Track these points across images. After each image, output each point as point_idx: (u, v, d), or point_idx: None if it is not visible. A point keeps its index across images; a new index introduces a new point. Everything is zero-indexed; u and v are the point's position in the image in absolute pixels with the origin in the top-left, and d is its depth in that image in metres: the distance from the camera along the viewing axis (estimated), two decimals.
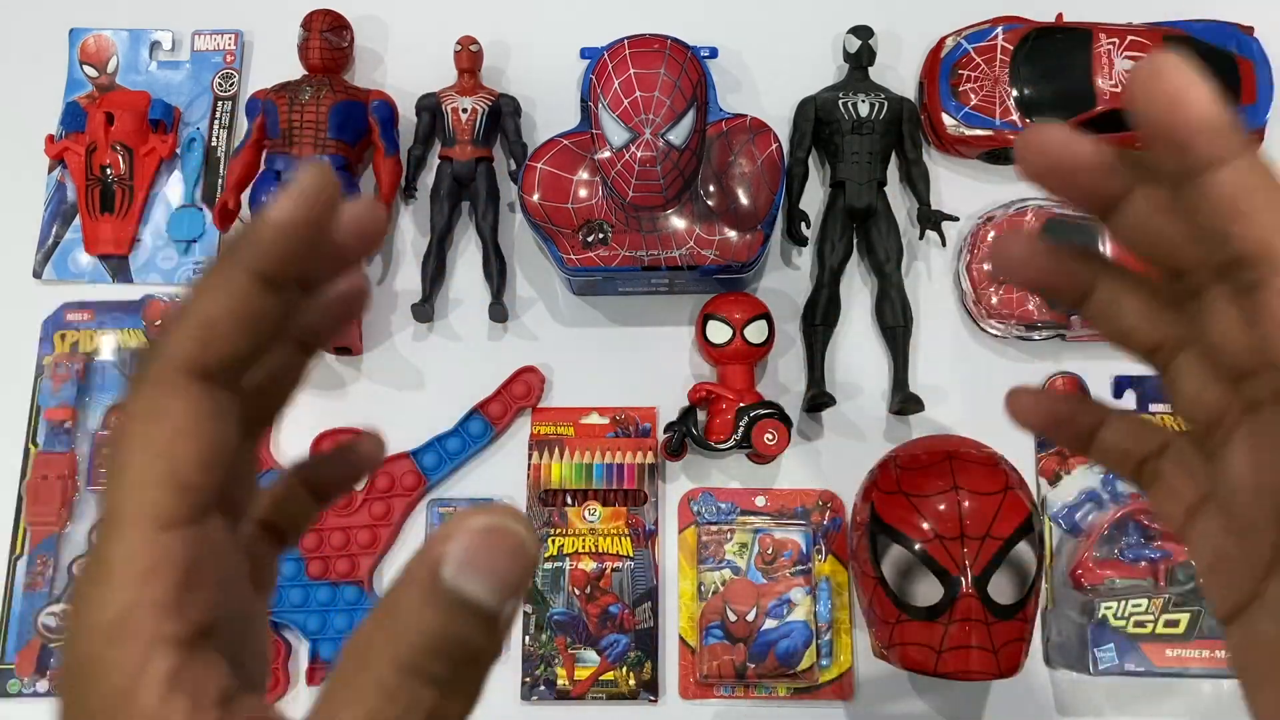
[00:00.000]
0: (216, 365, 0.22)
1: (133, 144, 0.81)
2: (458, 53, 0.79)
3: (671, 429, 0.74)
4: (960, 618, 0.61)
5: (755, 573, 0.72)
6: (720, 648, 0.70)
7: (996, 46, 0.79)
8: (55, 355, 0.77)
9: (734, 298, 0.75)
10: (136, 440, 0.22)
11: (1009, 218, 0.77)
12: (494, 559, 0.20)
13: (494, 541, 0.20)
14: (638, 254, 0.71)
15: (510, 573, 0.20)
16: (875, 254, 0.77)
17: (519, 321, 0.79)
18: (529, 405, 0.76)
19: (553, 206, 0.71)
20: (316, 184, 0.23)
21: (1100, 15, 0.80)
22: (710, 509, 0.74)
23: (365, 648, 0.20)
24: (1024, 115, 0.78)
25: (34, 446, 0.76)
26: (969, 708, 0.71)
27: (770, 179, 0.71)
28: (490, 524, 0.20)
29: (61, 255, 0.80)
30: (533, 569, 0.21)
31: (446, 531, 0.20)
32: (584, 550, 0.73)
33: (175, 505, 0.21)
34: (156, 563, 0.21)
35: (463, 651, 0.20)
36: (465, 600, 0.20)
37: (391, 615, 0.20)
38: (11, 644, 0.72)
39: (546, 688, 0.71)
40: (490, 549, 0.20)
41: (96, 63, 0.84)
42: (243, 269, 0.22)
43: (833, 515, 0.74)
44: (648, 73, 0.71)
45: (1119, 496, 0.73)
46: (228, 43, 0.85)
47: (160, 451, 0.21)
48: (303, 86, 0.76)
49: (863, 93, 0.78)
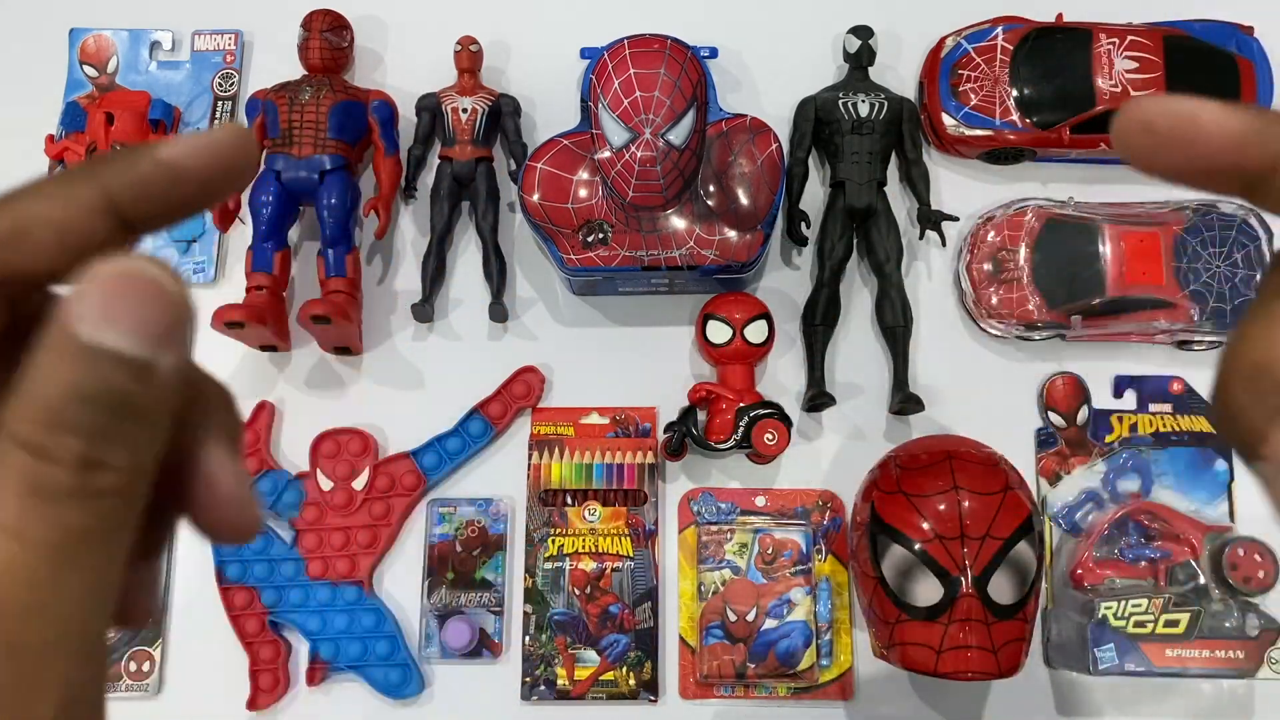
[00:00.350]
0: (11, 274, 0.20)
1: (133, 144, 0.81)
2: (458, 53, 0.79)
3: (671, 429, 0.74)
4: (960, 618, 0.61)
5: (755, 573, 0.72)
6: (720, 648, 0.70)
7: (996, 46, 0.79)
8: None
9: (734, 298, 0.75)
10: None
11: (1009, 218, 0.77)
12: (132, 307, 0.19)
13: (130, 288, 0.19)
14: (638, 254, 0.71)
15: (154, 319, 0.19)
16: (875, 254, 0.77)
17: (519, 321, 0.79)
18: (529, 405, 0.76)
19: (553, 206, 0.71)
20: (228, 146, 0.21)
21: (1100, 15, 0.80)
22: (710, 509, 0.74)
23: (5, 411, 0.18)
24: (1024, 115, 0.78)
25: None
26: (969, 708, 0.71)
27: (770, 179, 0.71)
28: (122, 270, 0.19)
29: None
30: (179, 312, 0.19)
31: (77, 289, 0.18)
32: (584, 550, 0.73)
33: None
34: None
35: (112, 399, 0.18)
36: (107, 351, 0.18)
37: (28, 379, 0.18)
38: None
39: (546, 688, 0.71)
40: (126, 296, 0.18)
41: (96, 63, 0.84)
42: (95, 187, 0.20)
43: (833, 515, 0.74)
44: (648, 73, 0.71)
45: (1119, 496, 0.73)
46: (228, 43, 0.85)
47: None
48: (303, 86, 0.76)
49: (863, 93, 0.78)
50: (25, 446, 0.18)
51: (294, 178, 0.75)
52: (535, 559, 0.73)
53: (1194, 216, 0.76)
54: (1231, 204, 0.76)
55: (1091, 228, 0.75)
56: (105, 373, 0.18)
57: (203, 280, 0.80)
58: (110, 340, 0.18)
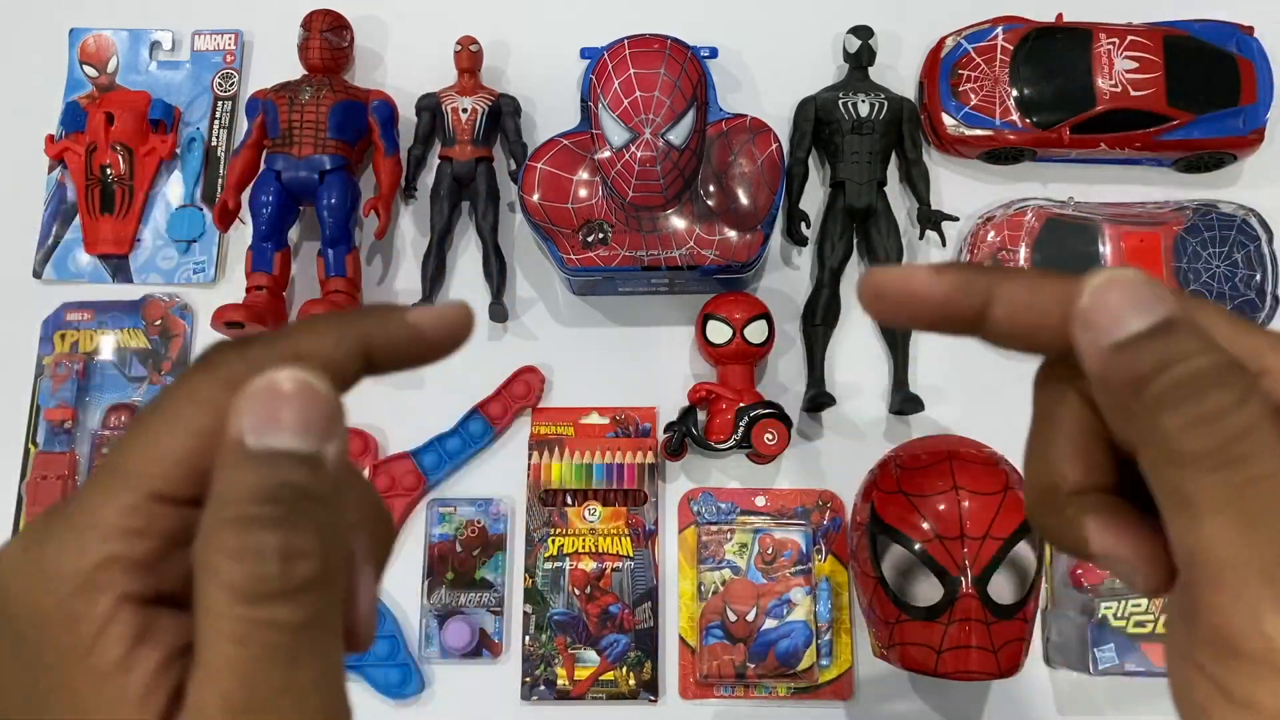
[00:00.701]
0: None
1: (133, 144, 0.81)
2: (458, 53, 0.79)
3: (671, 429, 0.74)
4: (960, 618, 0.61)
5: (755, 573, 0.72)
6: (720, 648, 0.70)
7: (996, 46, 0.79)
8: (55, 355, 0.77)
9: (734, 298, 0.75)
10: (173, 416, 0.22)
11: (1009, 218, 0.77)
12: (289, 409, 0.20)
13: (284, 394, 0.20)
14: (638, 254, 0.71)
15: (311, 415, 0.20)
16: (875, 254, 0.77)
17: (519, 321, 0.79)
18: (529, 405, 0.76)
19: (553, 206, 0.71)
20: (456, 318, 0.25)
21: (1100, 15, 0.80)
22: (710, 509, 0.74)
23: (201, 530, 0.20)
24: (1024, 115, 0.78)
25: (34, 446, 0.76)
26: (969, 708, 0.71)
27: (770, 179, 0.71)
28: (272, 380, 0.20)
29: (61, 255, 0.80)
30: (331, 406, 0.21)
31: (235, 407, 0.20)
32: (584, 550, 0.73)
33: (182, 483, 0.21)
34: (142, 527, 0.21)
35: (292, 491, 0.20)
36: (278, 452, 0.20)
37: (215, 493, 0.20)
38: None
39: (546, 688, 0.71)
40: (283, 402, 0.20)
41: (96, 63, 0.84)
42: (357, 335, 0.23)
43: (833, 515, 0.74)
44: (648, 73, 0.71)
45: None
46: (228, 43, 0.85)
47: (192, 431, 0.21)
48: (303, 86, 0.76)
49: (863, 93, 0.78)
50: (227, 554, 0.19)
51: (294, 178, 0.75)
52: (535, 559, 0.73)
53: (1194, 217, 0.76)
54: (1231, 204, 0.76)
55: (1091, 228, 0.75)
56: (281, 471, 0.20)
57: (203, 280, 0.80)
58: (278, 442, 0.20)
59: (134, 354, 0.78)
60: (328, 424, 0.21)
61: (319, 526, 0.20)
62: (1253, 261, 0.75)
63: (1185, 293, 0.25)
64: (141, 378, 0.77)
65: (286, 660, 0.20)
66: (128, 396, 0.77)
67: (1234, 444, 0.21)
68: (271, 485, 0.20)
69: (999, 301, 0.24)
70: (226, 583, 0.19)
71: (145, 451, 0.21)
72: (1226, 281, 0.74)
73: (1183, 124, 0.77)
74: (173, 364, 0.77)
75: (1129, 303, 0.22)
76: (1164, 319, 0.22)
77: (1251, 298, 0.74)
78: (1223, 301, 0.74)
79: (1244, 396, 0.21)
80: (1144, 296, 0.22)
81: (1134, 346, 0.22)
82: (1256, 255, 0.75)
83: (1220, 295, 0.74)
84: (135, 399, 0.77)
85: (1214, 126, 0.77)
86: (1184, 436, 0.21)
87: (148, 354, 0.78)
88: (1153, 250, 0.74)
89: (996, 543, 0.62)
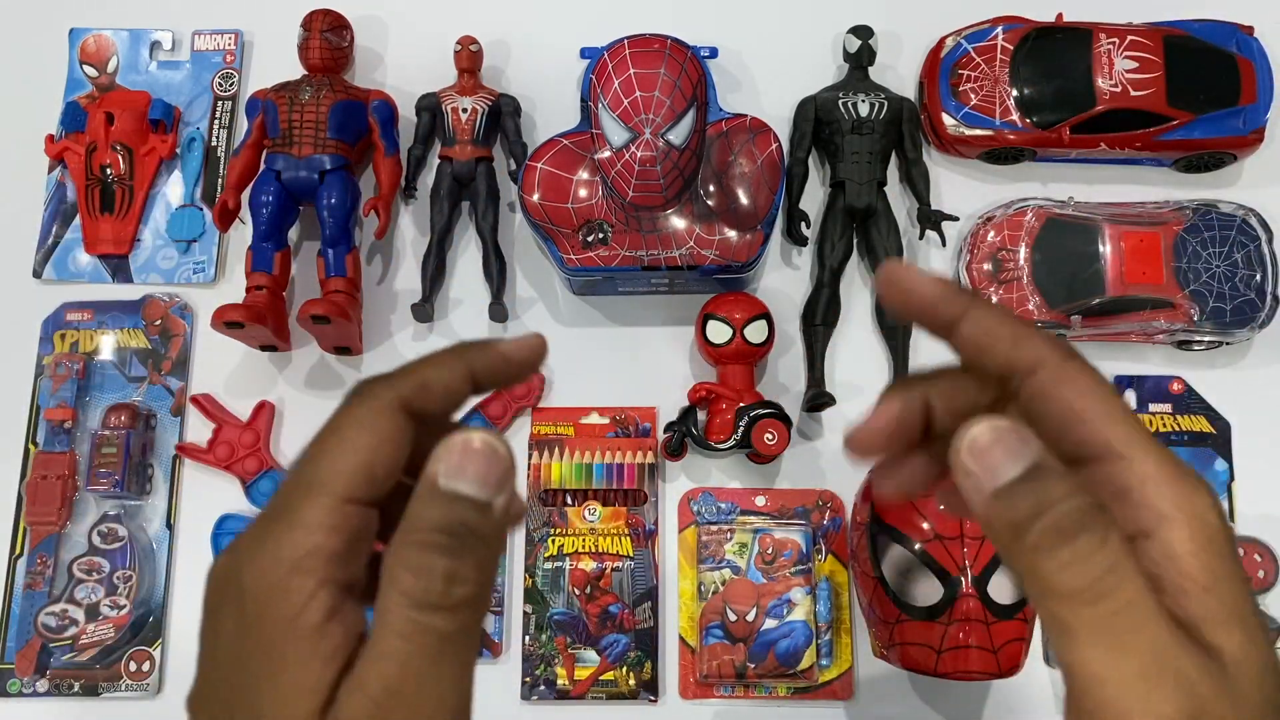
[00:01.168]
0: (418, 411, 0.29)
1: (133, 144, 0.81)
2: (458, 53, 0.79)
3: (671, 429, 0.74)
4: (960, 618, 0.61)
5: (755, 573, 0.72)
6: (720, 648, 0.70)
7: (996, 46, 0.79)
8: (55, 355, 0.77)
9: (734, 298, 0.75)
10: (348, 436, 0.28)
11: (1009, 218, 0.77)
12: (475, 463, 0.27)
13: (473, 451, 0.27)
14: (638, 254, 0.71)
15: (490, 472, 0.27)
16: (875, 254, 0.77)
17: (519, 321, 0.79)
18: (529, 405, 0.76)
19: (553, 206, 0.71)
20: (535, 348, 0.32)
21: (1100, 15, 0.80)
22: (710, 509, 0.74)
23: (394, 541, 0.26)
24: (1024, 115, 0.78)
25: (34, 446, 0.76)
26: (969, 708, 0.71)
27: (770, 179, 0.71)
28: (468, 439, 0.27)
29: (61, 255, 0.80)
30: (507, 466, 0.27)
31: (437, 453, 0.27)
32: (584, 550, 0.73)
33: (362, 489, 0.28)
34: (338, 524, 0.27)
35: (464, 528, 0.26)
36: (459, 495, 0.27)
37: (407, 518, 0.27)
38: (11, 644, 0.72)
39: (546, 687, 0.71)
40: (472, 457, 0.27)
41: (96, 63, 0.84)
42: (464, 364, 0.31)
43: (833, 515, 0.74)
44: (648, 73, 0.71)
45: None
46: (228, 43, 0.85)
47: (364, 448, 0.28)
48: (303, 86, 0.76)
49: (863, 93, 0.78)
50: (408, 568, 0.26)
51: (294, 178, 0.75)
52: (535, 559, 0.73)
53: (1194, 217, 0.76)
54: (1231, 204, 0.76)
55: (1091, 228, 0.76)
56: (459, 511, 0.27)
57: (203, 280, 0.80)
58: (462, 487, 0.27)
59: (134, 354, 0.78)
60: (501, 480, 0.27)
61: (479, 560, 0.26)
62: (1253, 261, 0.75)
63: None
64: (141, 377, 0.77)
65: (435, 658, 0.26)
66: (128, 396, 0.77)
67: (1101, 580, 0.25)
68: (450, 521, 0.26)
69: (969, 319, 0.30)
70: (402, 589, 0.26)
71: (332, 466, 0.28)
72: (1226, 281, 0.74)
73: (1183, 124, 0.77)
74: (172, 364, 0.77)
75: (1002, 453, 0.26)
76: (1032, 464, 0.26)
77: (1251, 298, 0.74)
78: (1222, 302, 0.74)
79: (1105, 536, 0.25)
80: (1014, 445, 0.26)
81: (1009, 494, 0.26)
82: (1256, 255, 0.75)
83: (1220, 295, 0.74)
84: (135, 399, 0.77)
85: (1214, 126, 0.77)
86: (1060, 577, 0.25)
87: (148, 354, 0.78)
88: (1153, 250, 0.74)
89: None
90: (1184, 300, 0.74)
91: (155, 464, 0.76)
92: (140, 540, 0.74)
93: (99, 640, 0.72)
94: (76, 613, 0.73)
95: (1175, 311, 0.74)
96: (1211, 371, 0.77)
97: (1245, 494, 0.74)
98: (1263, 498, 0.74)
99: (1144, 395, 0.76)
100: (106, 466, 0.73)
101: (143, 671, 0.72)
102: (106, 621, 0.73)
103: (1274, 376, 0.77)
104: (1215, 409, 0.76)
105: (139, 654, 0.72)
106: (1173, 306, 0.74)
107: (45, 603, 0.73)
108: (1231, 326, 0.74)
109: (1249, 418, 0.76)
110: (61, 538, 0.74)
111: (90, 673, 0.72)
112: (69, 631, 0.72)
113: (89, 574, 0.73)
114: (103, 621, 0.73)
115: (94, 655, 0.72)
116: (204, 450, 0.75)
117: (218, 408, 0.76)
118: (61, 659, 0.72)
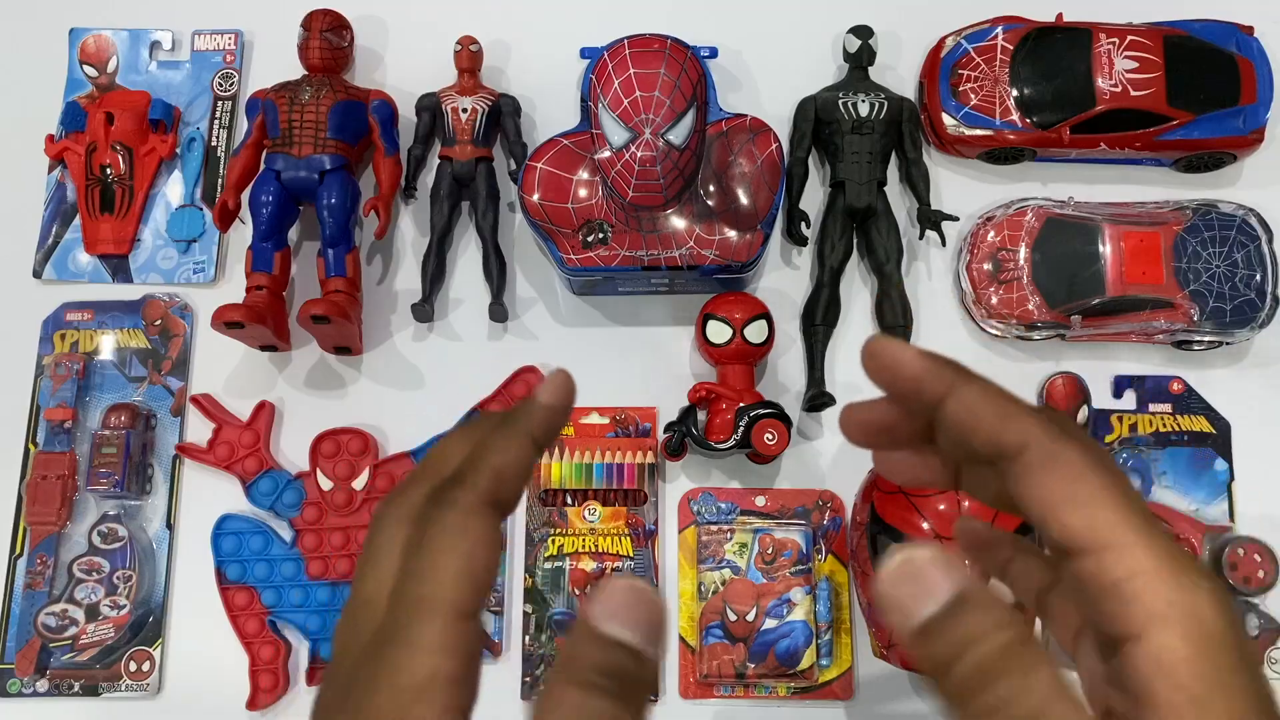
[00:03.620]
0: (503, 502, 0.29)
1: (133, 144, 0.81)
2: (458, 53, 0.79)
3: (671, 429, 0.74)
4: None
5: (755, 573, 0.72)
6: (720, 647, 0.70)
7: (996, 46, 0.79)
8: (55, 355, 0.77)
9: (734, 298, 0.75)
10: (445, 547, 0.27)
11: (1009, 218, 0.77)
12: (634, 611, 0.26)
13: (630, 597, 0.26)
14: (638, 254, 0.71)
15: (647, 620, 0.26)
16: (875, 254, 0.77)
17: (519, 321, 0.79)
18: None
19: (553, 206, 0.71)
20: (569, 384, 0.32)
21: (1100, 15, 0.80)
22: (710, 509, 0.74)
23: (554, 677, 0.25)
24: (1024, 115, 0.78)
25: (34, 446, 0.76)
26: None
27: (770, 179, 0.71)
28: (624, 585, 0.26)
29: (61, 255, 0.80)
30: (662, 617, 0.26)
31: (595, 595, 0.26)
32: (584, 550, 0.73)
33: (471, 600, 0.26)
34: (454, 645, 0.25)
35: (623, 673, 0.25)
36: (618, 640, 0.25)
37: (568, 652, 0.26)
38: (11, 644, 0.72)
39: None
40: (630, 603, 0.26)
41: (96, 63, 0.84)
42: (525, 433, 0.30)
43: (833, 515, 0.74)
44: (648, 73, 0.71)
45: None
46: (228, 43, 0.85)
47: (465, 555, 0.27)
48: (303, 86, 0.76)
49: (863, 93, 0.78)
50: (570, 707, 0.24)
51: (294, 177, 0.75)
52: (535, 559, 0.73)
53: (1194, 216, 0.76)
54: (1231, 204, 0.76)
55: (1091, 228, 0.76)
56: (617, 656, 0.25)
57: (203, 280, 0.80)
58: (619, 633, 0.25)
59: (134, 354, 0.78)
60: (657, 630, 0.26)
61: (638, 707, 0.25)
62: (1253, 261, 0.75)
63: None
64: (141, 378, 0.77)
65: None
66: (128, 396, 0.77)
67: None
68: (612, 664, 0.25)
69: (953, 397, 0.29)
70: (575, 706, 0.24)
71: (438, 580, 0.26)
72: (1226, 281, 0.74)
73: (1183, 124, 0.77)
74: (172, 364, 0.77)
75: (921, 587, 0.25)
76: (953, 598, 0.24)
77: (1251, 298, 0.74)
78: (1222, 302, 0.74)
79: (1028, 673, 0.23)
80: (933, 579, 0.25)
81: (931, 631, 0.24)
82: (1256, 255, 0.75)
83: (1220, 295, 0.74)
84: (135, 399, 0.77)
85: (1214, 126, 0.77)
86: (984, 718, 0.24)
87: (148, 354, 0.78)
88: (1152, 250, 0.74)
89: None
90: (1184, 300, 0.74)
91: (155, 464, 0.76)
92: (140, 540, 0.74)
93: (99, 640, 0.72)
94: (76, 613, 0.73)
95: (1175, 311, 0.74)
96: (1211, 371, 0.77)
97: (1245, 494, 0.74)
98: (1263, 498, 0.74)
99: (1144, 395, 0.76)
100: (106, 466, 0.73)
101: (143, 671, 0.72)
102: (106, 621, 0.73)
103: (1274, 376, 0.77)
104: (1215, 409, 0.76)
105: (139, 654, 0.72)
106: (1173, 306, 0.74)
107: (45, 603, 0.73)
108: (1231, 326, 0.74)
109: (1249, 418, 0.76)
110: (61, 538, 0.74)
111: (90, 673, 0.72)
112: (69, 631, 0.72)
113: (89, 574, 0.73)
114: (103, 621, 0.73)
115: (94, 655, 0.72)
116: (204, 450, 0.75)
117: (218, 408, 0.76)
118: (61, 659, 0.72)
